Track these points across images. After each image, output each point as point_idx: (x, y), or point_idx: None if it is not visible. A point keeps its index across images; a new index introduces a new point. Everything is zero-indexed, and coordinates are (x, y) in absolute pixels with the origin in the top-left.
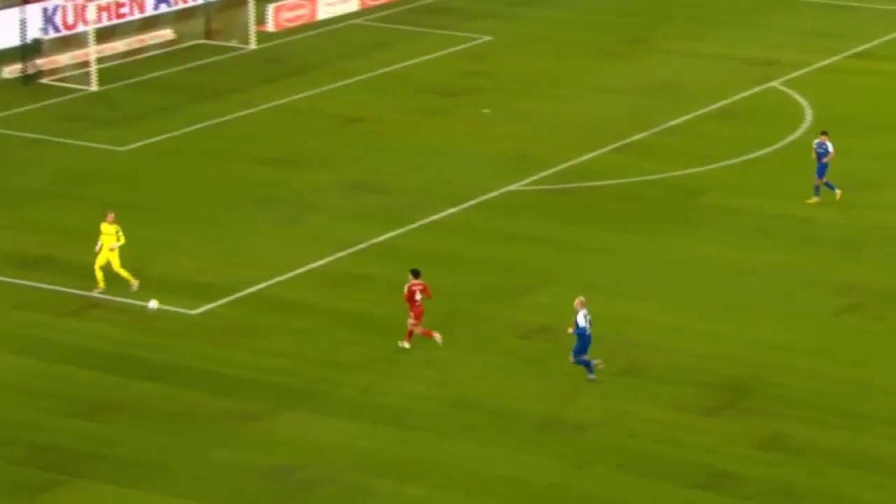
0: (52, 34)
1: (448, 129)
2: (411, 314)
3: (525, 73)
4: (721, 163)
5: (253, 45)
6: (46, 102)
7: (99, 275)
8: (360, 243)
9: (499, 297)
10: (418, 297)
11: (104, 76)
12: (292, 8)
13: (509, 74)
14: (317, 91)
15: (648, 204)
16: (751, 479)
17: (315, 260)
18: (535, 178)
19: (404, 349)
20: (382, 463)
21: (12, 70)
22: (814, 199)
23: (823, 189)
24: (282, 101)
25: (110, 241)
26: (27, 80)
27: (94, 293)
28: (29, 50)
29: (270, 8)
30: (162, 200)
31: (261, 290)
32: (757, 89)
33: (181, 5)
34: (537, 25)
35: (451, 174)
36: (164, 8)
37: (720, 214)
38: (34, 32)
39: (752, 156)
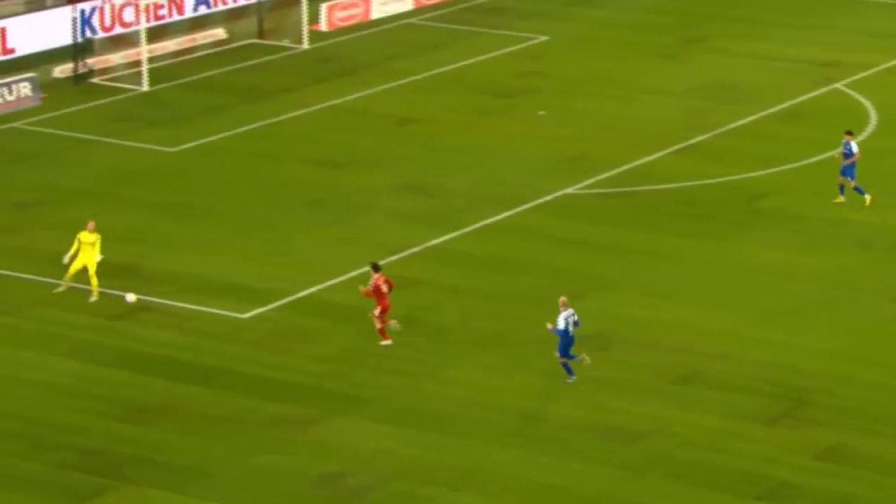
0: (88, 34)
1: (503, 131)
2: (378, 308)
3: (582, 74)
4: (782, 166)
5: (305, 45)
6: (97, 102)
7: (70, 274)
8: (412, 246)
9: (552, 301)
10: (385, 289)
11: (155, 76)
12: (345, 7)
13: (566, 75)
14: (370, 91)
15: (707, 208)
16: (810, 490)
17: (367, 263)
18: (591, 180)
19: (387, 346)
20: (431, 470)
21: (63, 69)
22: (867, 198)
23: (836, 189)
24: (335, 102)
25: (90, 250)
26: (78, 79)
27: (92, 300)
28: (80, 49)
29: (323, 7)
30: (213, 201)
31: (312, 293)
32: (820, 91)
33: (230, 5)
34: (595, 25)
35: (505, 176)
36: (203, 10)
37: (780, 219)
38: (86, 32)
39: (814, 159)
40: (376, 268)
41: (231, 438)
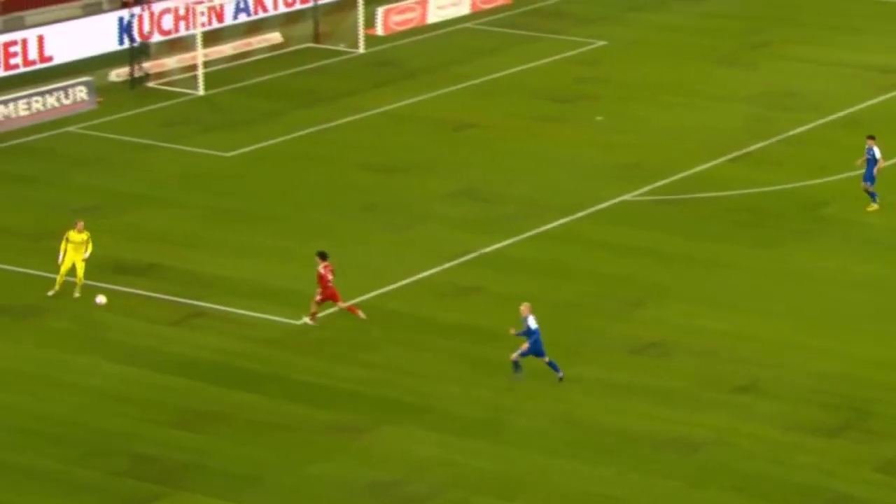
0: (126, 42)
1: (560, 137)
2: (320, 294)
3: (640, 80)
4: (843, 174)
5: (361, 49)
6: (153, 106)
7: (61, 274)
8: (468, 253)
9: (609, 310)
10: (331, 277)
11: (211, 80)
12: (402, 11)
13: (624, 80)
14: (426, 96)
15: (767, 216)
16: (870, 503)
17: (423, 270)
18: (649, 187)
19: (306, 324)
20: (486, 479)
21: (120, 73)
22: (875, 206)
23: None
24: (390, 107)
25: (79, 249)
26: (134, 83)
27: (50, 293)
28: (136, 53)
29: (379, 11)
30: (267, 206)
31: (366, 300)
32: (882, 98)
33: (273, 11)
34: (653, 30)
35: (562, 183)
36: (243, 17)
37: (842, 227)
38: (123, 40)
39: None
40: (323, 256)
41: (285, 446)
